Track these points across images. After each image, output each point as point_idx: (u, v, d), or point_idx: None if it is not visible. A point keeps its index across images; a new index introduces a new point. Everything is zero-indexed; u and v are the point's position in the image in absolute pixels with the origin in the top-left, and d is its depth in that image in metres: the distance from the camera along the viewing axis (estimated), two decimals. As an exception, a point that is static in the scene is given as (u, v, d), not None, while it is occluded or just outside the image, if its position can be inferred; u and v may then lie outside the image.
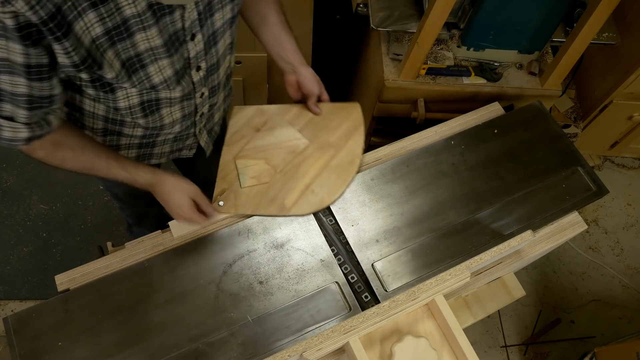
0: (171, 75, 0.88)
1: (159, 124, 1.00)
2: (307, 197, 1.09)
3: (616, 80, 1.91)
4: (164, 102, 0.94)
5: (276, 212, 1.07)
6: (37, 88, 0.76)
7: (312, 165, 1.13)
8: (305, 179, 1.11)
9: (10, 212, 2.08)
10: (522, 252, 1.14)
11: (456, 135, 1.20)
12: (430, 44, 1.36)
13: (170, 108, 0.97)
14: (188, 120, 1.06)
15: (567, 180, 1.17)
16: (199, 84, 0.98)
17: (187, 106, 1.00)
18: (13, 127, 0.79)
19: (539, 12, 1.37)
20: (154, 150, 1.12)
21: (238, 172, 1.12)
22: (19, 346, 0.90)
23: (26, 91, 0.75)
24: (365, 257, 1.04)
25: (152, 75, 0.85)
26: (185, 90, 0.95)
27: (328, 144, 1.16)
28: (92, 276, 0.99)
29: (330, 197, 1.09)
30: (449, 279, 0.96)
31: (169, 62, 0.85)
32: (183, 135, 1.12)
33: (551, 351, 1.99)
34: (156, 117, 0.97)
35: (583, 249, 2.21)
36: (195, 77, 0.95)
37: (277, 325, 0.96)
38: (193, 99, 1.00)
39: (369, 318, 0.92)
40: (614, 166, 2.44)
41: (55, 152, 0.89)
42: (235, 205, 1.08)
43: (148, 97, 0.91)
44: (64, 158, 0.90)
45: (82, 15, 0.71)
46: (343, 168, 1.13)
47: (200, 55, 0.91)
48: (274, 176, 1.11)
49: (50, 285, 0.98)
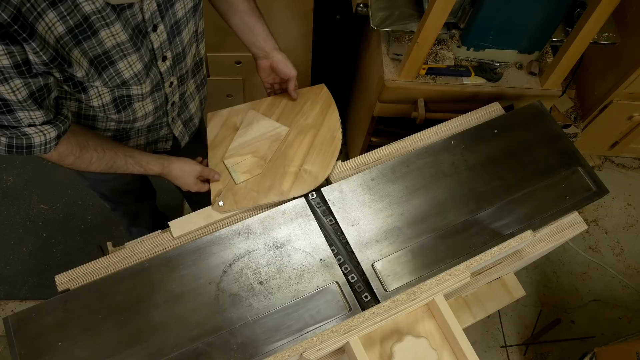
0: (141, 69, 0.89)
1: (131, 117, 1.02)
2: (302, 177, 1.13)
3: (616, 80, 1.91)
4: (136, 97, 0.96)
5: (277, 199, 1.10)
6: (34, 82, 0.77)
7: (298, 148, 1.18)
8: (296, 162, 1.16)
9: (10, 212, 2.09)
10: (522, 252, 1.14)
11: (456, 135, 1.20)
12: (430, 44, 1.36)
13: (142, 102, 0.99)
14: (160, 110, 1.08)
15: (567, 180, 1.17)
16: (167, 74, 1.00)
17: (158, 97, 1.03)
18: (40, 130, 0.82)
19: (539, 12, 1.37)
20: (129, 143, 1.15)
21: (229, 171, 1.15)
22: (19, 346, 0.90)
23: (27, 92, 0.76)
24: (365, 257, 1.04)
25: (123, 71, 0.86)
26: (154, 82, 0.97)
27: (307, 126, 1.22)
28: (92, 276, 0.99)
29: (323, 173, 1.13)
30: (449, 279, 0.96)
31: (137, 57, 0.87)
32: (156, 126, 1.14)
33: (551, 351, 1.99)
34: (129, 112, 1.00)
35: (583, 249, 2.21)
36: (162, 68, 0.97)
37: (277, 325, 0.96)
38: (162, 89, 1.02)
39: (369, 318, 0.92)
40: (614, 166, 2.44)
41: (83, 154, 0.94)
42: (235, 201, 1.09)
43: (119, 94, 0.92)
44: (91, 159, 0.95)
45: (42, 16, 0.71)
46: (328, 143, 1.19)
47: (165, 45, 0.93)
48: (265, 166, 1.15)
49: (50, 285, 0.98)
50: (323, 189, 1.11)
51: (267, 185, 1.12)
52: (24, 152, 0.83)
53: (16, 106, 0.77)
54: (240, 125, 1.22)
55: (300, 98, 1.26)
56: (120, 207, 1.60)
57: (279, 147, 1.19)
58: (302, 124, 1.22)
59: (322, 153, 1.17)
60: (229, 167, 1.15)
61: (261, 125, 1.22)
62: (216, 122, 1.23)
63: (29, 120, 0.80)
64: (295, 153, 1.18)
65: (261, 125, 1.22)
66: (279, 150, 1.18)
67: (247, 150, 1.18)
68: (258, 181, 1.13)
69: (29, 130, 0.81)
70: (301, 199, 1.09)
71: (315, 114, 1.24)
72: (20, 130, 0.80)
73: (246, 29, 1.14)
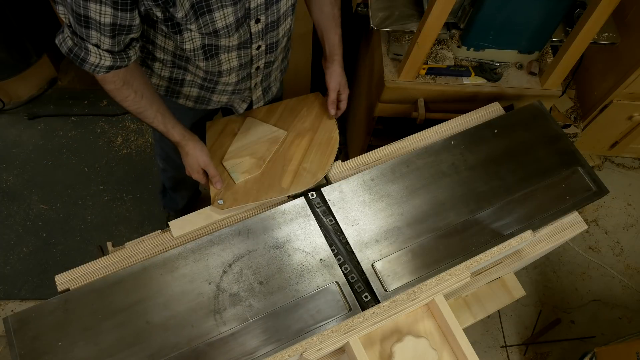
0: (232, 22, 0.96)
1: (217, 69, 1.09)
2: (301, 175, 1.15)
3: (616, 80, 1.91)
4: (222, 49, 1.03)
5: (277, 195, 1.11)
6: (121, 18, 0.85)
7: (296, 148, 1.21)
8: (295, 161, 1.19)
9: (10, 212, 2.09)
10: (522, 252, 1.14)
11: (456, 135, 1.20)
12: (430, 44, 1.36)
13: (228, 54, 1.06)
14: (244, 70, 1.15)
15: (567, 180, 1.17)
16: (256, 37, 1.06)
17: (244, 55, 1.09)
18: (100, 54, 0.91)
19: (539, 12, 1.37)
20: (213, 97, 1.22)
21: (228, 172, 1.17)
22: (19, 346, 0.90)
23: (111, 20, 0.85)
24: (365, 257, 1.04)
25: (217, 21, 0.93)
26: (242, 39, 1.03)
27: (304, 129, 1.26)
28: (92, 276, 0.99)
29: (322, 170, 1.16)
30: (449, 279, 0.96)
31: (232, 10, 0.93)
32: (241, 89, 1.21)
33: (551, 351, 1.99)
34: (215, 62, 1.06)
35: (583, 249, 2.21)
36: (254, 29, 1.03)
37: (277, 325, 0.96)
38: (249, 49, 1.08)
39: (369, 318, 0.92)
40: (614, 166, 2.44)
41: (123, 89, 1.00)
42: (236, 199, 1.10)
43: (209, 42, 1.00)
44: (127, 97, 1.02)
45: None
46: (325, 143, 1.22)
47: (261, 8, 0.99)
48: (263, 166, 1.17)
49: (50, 285, 0.98)
50: (323, 189, 1.11)
51: (266, 183, 1.14)
52: (78, 61, 0.93)
53: (94, 25, 0.85)
54: (238, 131, 1.25)
55: (296, 105, 1.31)
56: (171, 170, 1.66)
57: (277, 148, 1.20)
58: (300, 128, 1.26)
59: (320, 152, 1.20)
60: (228, 169, 1.17)
61: (259, 130, 1.25)
62: (214, 131, 1.27)
63: (97, 41, 0.89)
64: (294, 153, 1.20)
65: (259, 130, 1.25)
66: (277, 151, 1.20)
67: (246, 152, 1.20)
68: (258, 180, 1.15)
69: (91, 48, 0.90)
70: (301, 199, 1.09)
71: (312, 118, 1.28)
72: (85, 44, 0.90)
73: (322, 31, 1.23)
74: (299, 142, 1.23)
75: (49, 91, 2.39)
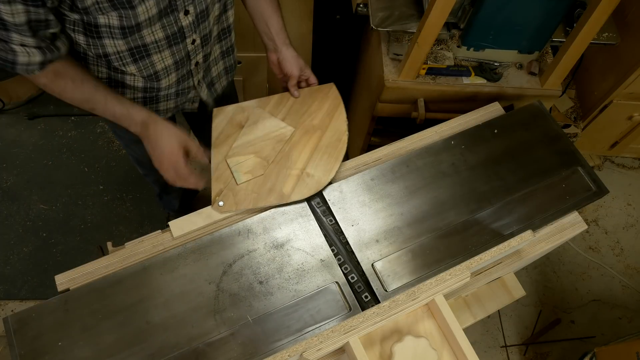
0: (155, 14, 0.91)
1: (152, 71, 1.03)
2: (304, 180, 1.11)
3: (616, 80, 1.91)
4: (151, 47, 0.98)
5: (277, 202, 1.08)
6: (34, 12, 0.82)
7: (302, 150, 1.16)
8: (299, 164, 1.13)
9: (10, 212, 2.09)
10: (522, 252, 1.14)
11: (456, 135, 1.20)
12: (430, 44, 1.36)
13: (160, 54, 1.00)
14: (183, 68, 1.08)
15: (567, 180, 1.17)
16: (189, 29, 1.00)
17: (177, 52, 1.03)
18: (27, 51, 0.87)
19: (539, 12, 1.37)
20: (160, 107, 1.16)
21: (231, 170, 1.14)
22: (19, 346, 0.90)
23: (25, 18, 0.82)
24: (365, 257, 1.04)
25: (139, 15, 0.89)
26: (169, 32, 0.98)
27: (313, 127, 1.19)
28: (92, 276, 0.99)
29: (326, 177, 1.11)
30: (449, 279, 0.96)
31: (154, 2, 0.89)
32: (184, 90, 1.15)
33: (551, 351, 1.99)
34: (147, 63, 1.00)
35: (583, 249, 2.21)
36: (184, 22, 0.98)
37: (277, 325, 0.96)
38: (182, 44, 1.02)
39: (369, 318, 0.92)
40: (614, 166, 2.44)
41: (56, 80, 0.95)
42: (235, 202, 1.09)
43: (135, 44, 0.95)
44: (64, 87, 0.96)
45: None
46: (332, 147, 1.16)
47: None
48: (267, 167, 1.13)
49: (50, 285, 0.98)
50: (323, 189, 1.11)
51: (268, 187, 1.11)
52: (9, 65, 0.88)
53: (11, 27, 0.82)
54: (245, 123, 1.21)
55: (308, 97, 1.24)
56: (152, 173, 1.56)
57: (282, 148, 1.17)
58: (308, 125, 1.20)
59: (326, 156, 1.15)
60: (231, 166, 1.14)
61: (266, 125, 1.20)
62: (221, 119, 1.22)
63: (19, 42, 0.85)
64: (299, 155, 1.16)
65: (266, 125, 1.20)
66: (282, 151, 1.17)
67: (251, 149, 1.17)
68: (259, 182, 1.12)
69: (17, 49, 0.86)
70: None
71: (322, 114, 1.21)
72: (9, 46, 0.86)
73: (260, 17, 1.13)
74: (306, 142, 1.17)
75: (49, 91, 2.39)
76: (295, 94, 1.21)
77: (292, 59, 1.16)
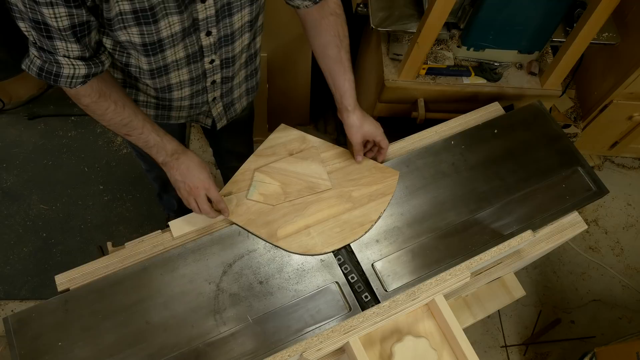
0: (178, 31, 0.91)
1: (166, 84, 1.03)
2: (301, 237, 1.05)
3: (616, 80, 1.91)
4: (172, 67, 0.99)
5: (264, 237, 1.04)
6: (77, 15, 0.80)
7: (322, 209, 1.09)
8: (308, 220, 1.07)
9: (10, 212, 2.08)
10: (522, 252, 1.14)
11: (456, 135, 1.20)
12: (430, 44, 1.36)
13: (178, 71, 1.01)
14: (198, 84, 1.08)
15: (567, 180, 1.17)
16: (208, 50, 1.00)
17: (195, 69, 1.04)
18: (72, 64, 0.86)
19: (539, 12, 1.37)
20: (172, 114, 1.17)
21: (251, 182, 1.11)
22: (19, 346, 0.90)
23: (69, 23, 0.80)
24: (365, 257, 1.04)
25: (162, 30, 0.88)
26: (190, 51, 0.98)
27: (349, 197, 1.11)
28: (92, 276, 0.99)
29: (322, 248, 1.04)
30: (449, 279, 0.96)
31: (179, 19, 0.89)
32: (198, 103, 1.15)
33: (551, 351, 1.99)
34: (163, 80, 1.01)
35: (583, 249, 2.21)
36: (205, 42, 0.98)
37: (277, 325, 0.96)
38: (200, 62, 1.03)
39: (369, 318, 0.92)
40: (614, 166, 2.44)
41: (101, 101, 0.94)
42: (233, 211, 1.07)
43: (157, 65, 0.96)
44: (107, 109, 0.95)
45: None
46: (350, 227, 1.07)
47: (211, 20, 0.94)
48: (281, 202, 1.09)
49: (50, 285, 0.98)
50: (323, 189, 1.10)
51: (267, 219, 1.07)
52: (52, 79, 0.87)
53: (56, 34, 0.81)
54: (296, 153, 1.16)
55: (366, 169, 1.15)
56: (154, 169, 1.56)
57: (308, 196, 1.10)
58: (347, 193, 1.12)
59: (337, 230, 1.06)
60: (254, 180, 1.11)
61: (311, 167, 1.14)
62: (280, 136, 1.18)
63: (65, 52, 0.84)
64: (316, 212, 1.08)
65: (311, 167, 1.14)
66: (305, 198, 1.10)
67: (281, 178, 1.12)
68: (264, 210, 1.08)
69: (62, 60, 0.85)
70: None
71: (366, 193, 1.12)
72: (55, 57, 0.85)
73: (329, 75, 1.12)
74: (331, 206, 1.09)
75: (49, 91, 2.38)
76: (357, 159, 1.16)
77: (354, 127, 1.12)
